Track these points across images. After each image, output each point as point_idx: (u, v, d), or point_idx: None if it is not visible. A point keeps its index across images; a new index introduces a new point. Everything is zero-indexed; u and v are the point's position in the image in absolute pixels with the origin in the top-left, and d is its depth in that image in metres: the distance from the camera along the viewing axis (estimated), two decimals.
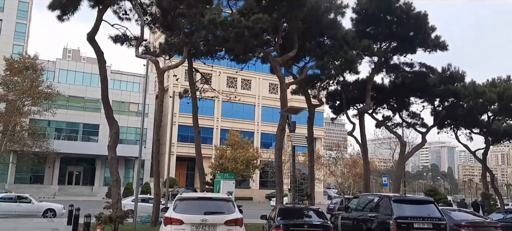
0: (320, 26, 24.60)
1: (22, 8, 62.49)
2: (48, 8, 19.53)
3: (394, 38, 28.57)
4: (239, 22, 21.38)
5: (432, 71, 31.00)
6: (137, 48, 22.39)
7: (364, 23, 28.08)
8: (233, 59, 27.65)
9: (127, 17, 23.36)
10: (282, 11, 23.57)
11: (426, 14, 27.18)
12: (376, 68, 29.70)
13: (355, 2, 28.16)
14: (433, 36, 28.21)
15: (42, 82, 45.19)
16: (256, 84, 71.57)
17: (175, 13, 23.26)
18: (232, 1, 24.26)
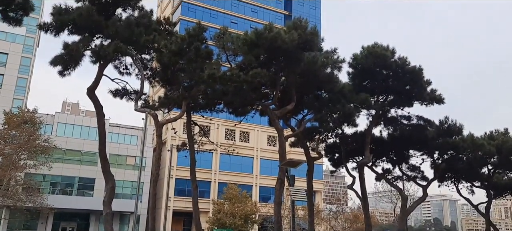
0: (318, 80, 24.98)
1: (25, 63, 63.67)
2: (50, 64, 19.87)
3: (390, 91, 28.94)
4: (238, 77, 21.74)
5: (429, 124, 31.17)
6: (137, 102, 22.55)
7: (361, 77, 28.55)
8: (232, 112, 27.83)
9: (127, 71, 23.77)
10: (280, 65, 24.03)
11: (421, 68, 27.73)
12: (374, 121, 29.84)
13: (351, 57, 28.81)
14: (429, 90, 28.62)
15: (40, 136, 45.04)
16: (255, 137, 71.58)
17: (175, 68, 23.68)
18: (231, 56, 24.79)
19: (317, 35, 24.15)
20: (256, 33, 22.53)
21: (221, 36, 23.94)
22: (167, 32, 24.97)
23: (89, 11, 19.88)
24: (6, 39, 61.56)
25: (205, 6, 69.51)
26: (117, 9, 22.02)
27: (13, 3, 16.78)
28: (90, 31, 20.79)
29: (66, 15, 20.06)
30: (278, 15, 74.81)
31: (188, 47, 23.19)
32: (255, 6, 73.58)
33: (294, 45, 22.05)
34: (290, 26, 23.84)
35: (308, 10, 75.61)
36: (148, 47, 23.10)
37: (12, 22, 17.14)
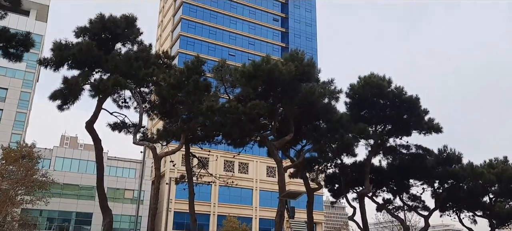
0: (316, 110, 25.13)
1: (24, 98, 63.94)
2: (49, 99, 20.00)
3: (388, 121, 29.06)
4: (237, 108, 21.86)
5: (429, 153, 31.13)
6: (135, 135, 22.56)
7: (358, 107, 28.73)
8: (231, 144, 27.78)
9: (126, 105, 23.90)
10: (278, 96, 24.22)
11: (418, 97, 27.96)
12: (373, 151, 29.79)
13: (348, 87, 29.08)
14: (426, 119, 28.77)
15: (37, 171, 44.69)
16: (254, 168, 71.13)
17: (173, 101, 23.83)
18: (229, 88, 25.01)
19: (313, 66, 24.47)
20: (253, 65, 22.83)
21: (220, 68, 24.24)
22: (166, 65, 25.29)
23: (89, 46, 20.20)
24: (6, 75, 62.05)
25: (203, 40, 70.62)
26: (117, 44, 22.41)
27: (14, 40, 17.06)
28: (89, 66, 21.05)
29: (66, 51, 20.37)
30: (275, 47, 75.97)
31: (186, 80, 23.42)
32: (253, 39, 74.77)
33: (291, 76, 22.30)
34: (287, 58, 24.19)
35: (304, 42, 76.83)
36: (147, 80, 23.33)
37: (13, 58, 17.38)
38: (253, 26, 75.68)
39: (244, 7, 76.03)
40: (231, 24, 73.88)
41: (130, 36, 22.37)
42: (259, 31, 75.96)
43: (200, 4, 72.44)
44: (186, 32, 70.22)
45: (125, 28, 21.99)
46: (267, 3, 78.40)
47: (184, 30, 70.20)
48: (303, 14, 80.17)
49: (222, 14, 73.54)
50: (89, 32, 21.53)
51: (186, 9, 71.59)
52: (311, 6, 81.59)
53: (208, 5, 72.93)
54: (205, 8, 72.64)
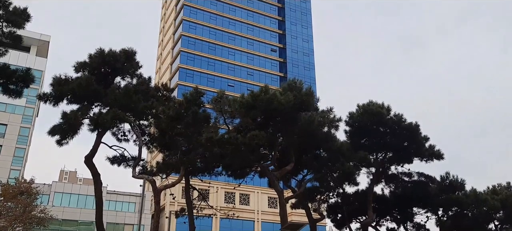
0: (316, 139, 25.04)
1: (23, 133, 63.86)
2: (48, 134, 19.93)
3: (389, 148, 28.92)
4: (236, 139, 21.79)
5: (431, 180, 30.84)
6: (134, 168, 22.37)
7: (358, 135, 28.65)
8: (231, 175, 27.54)
9: (125, 138, 23.80)
10: (277, 126, 24.21)
11: (417, 124, 27.94)
12: (375, 179, 29.51)
13: (347, 115, 29.09)
14: (427, 146, 28.65)
15: (36, 207, 44.12)
16: (255, 199, 70.24)
17: (173, 133, 23.77)
18: (229, 119, 25.01)
19: (312, 95, 24.57)
20: (252, 96, 22.92)
21: (219, 99, 24.32)
22: (165, 98, 25.38)
23: (88, 81, 20.31)
24: (6, 110, 62.21)
25: (202, 71, 71.27)
26: (116, 77, 22.54)
27: (14, 76, 17.17)
28: (89, 100, 21.10)
29: (66, 86, 20.46)
30: (274, 77, 76.58)
31: (186, 112, 23.46)
32: (251, 69, 75.48)
33: (290, 106, 22.36)
34: (285, 87, 24.32)
35: (302, 71, 77.53)
36: (146, 113, 23.33)
37: (13, 95, 17.44)
38: (251, 57, 76.56)
39: (242, 39, 77.15)
40: (230, 56, 74.75)
41: (129, 69, 22.54)
42: (257, 62, 76.78)
43: (199, 37, 73.54)
44: (185, 64, 70.96)
45: (125, 62, 22.18)
46: (264, 34, 79.60)
47: (183, 63, 70.96)
48: (301, 44, 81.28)
49: (220, 46, 74.54)
50: (89, 67, 21.70)
51: (185, 41, 72.61)
52: (308, 36, 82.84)
53: (207, 37, 74.02)
54: (204, 41, 73.70)
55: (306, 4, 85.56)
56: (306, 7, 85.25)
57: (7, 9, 16.86)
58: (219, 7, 77.58)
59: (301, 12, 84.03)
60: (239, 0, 79.86)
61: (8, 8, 16.85)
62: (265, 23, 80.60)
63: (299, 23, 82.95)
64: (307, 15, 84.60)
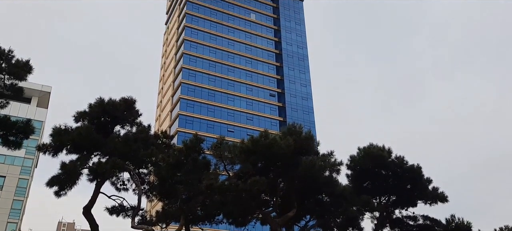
0: (317, 184, 24.72)
1: (21, 185, 63.14)
2: (47, 185, 19.66)
3: (392, 192, 28.53)
4: (237, 186, 21.51)
5: (437, 223, 30.14)
6: (133, 218, 21.89)
7: (360, 178, 28.36)
8: (232, 223, 26.95)
9: (124, 187, 23.49)
10: (278, 171, 23.96)
11: (419, 167, 27.75)
12: (379, 224, 28.88)
13: (348, 158, 28.92)
14: (430, 188, 28.29)
15: None
16: None
17: (173, 181, 23.47)
18: (229, 165, 24.78)
19: (312, 139, 24.53)
20: (252, 141, 22.86)
21: (218, 145, 24.21)
22: (165, 145, 25.27)
23: (88, 131, 20.31)
24: (5, 162, 61.86)
25: (202, 117, 71.61)
26: (116, 126, 22.57)
27: (15, 128, 17.19)
28: (88, 149, 21.00)
29: (66, 136, 20.43)
30: (273, 121, 76.89)
31: (185, 159, 23.29)
32: (251, 114, 75.91)
33: (291, 150, 22.25)
34: (285, 132, 24.31)
35: (301, 115, 77.95)
36: (146, 161, 23.16)
37: (12, 146, 17.39)
38: (251, 102, 77.23)
39: (241, 85, 78.14)
40: (229, 101, 75.41)
41: (129, 118, 22.61)
42: (256, 107, 77.34)
43: (198, 84, 74.50)
44: (185, 111, 71.42)
45: (124, 110, 22.29)
46: (263, 79, 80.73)
47: (183, 109, 71.44)
48: (299, 89, 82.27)
49: (220, 92, 75.38)
50: (89, 116, 21.78)
51: (184, 88, 73.47)
52: (306, 81, 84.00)
53: (206, 84, 74.98)
54: (203, 87, 74.59)
55: (303, 50, 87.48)
56: (303, 53, 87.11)
57: (9, 62, 17.15)
58: (218, 54, 79.21)
59: (298, 58, 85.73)
60: (237, 47, 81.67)
61: (10, 61, 17.15)
62: (264, 69, 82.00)
63: (297, 69, 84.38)
64: (304, 61, 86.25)
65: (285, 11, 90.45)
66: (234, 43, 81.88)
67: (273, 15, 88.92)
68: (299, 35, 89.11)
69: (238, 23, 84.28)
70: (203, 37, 79.89)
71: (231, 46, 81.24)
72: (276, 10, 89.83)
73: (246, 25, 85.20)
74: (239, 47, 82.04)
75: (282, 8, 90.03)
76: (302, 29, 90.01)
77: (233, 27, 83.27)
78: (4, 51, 17.15)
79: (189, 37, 78.48)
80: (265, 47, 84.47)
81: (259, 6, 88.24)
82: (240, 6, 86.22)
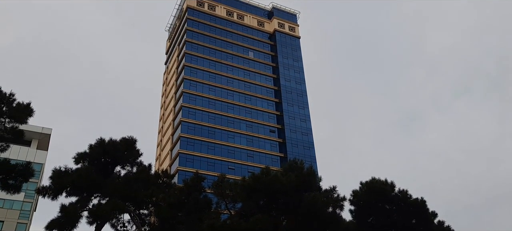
0: (320, 220, 24.26)
1: (20, 230, 61.97)
2: (46, 229, 19.33)
3: (396, 227, 27.93)
4: (239, 225, 21.14)
5: None
6: None
7: (364, 214, 27.88)
8: None
9: (125, 229, 23.11)
10: (281, 208, 23.61)
11: (423, 200, 27.35)
12: None
13: (351, 193, 28.54)
14: (436, 222, 27.76)
15: None
16: None
17: (174, 221, 23.12)
18: (230, 203, 24.48)
19: (314, 175, 24.33)
20: (254, 178, 22.67)
21: (219, 183, 24.01)
22: (166, 184, 25.08)
23: (88, 172, 20.21)
24: (4, 206, 60.94)
25: (202, 155, 71.29)
26: (116, 167, 22.47)
27: (14, 171, 17.07)
28: (88, 191, 20.82)
29: (65, 178, 20.30)
30: (274, 157, 76.51)
31: (186, 198, 23.05)
32: (251, 151, 75.62)
33: (292, 187, 22.04)
34: (286, 168, 24.16)
35: (302, 151, 77.67)
36: (147, 202, 22.92)
37: (11, 190, 17.22)
38: (251, 138, 77.14)
39: (241, 121, 78.33)
40: (229, 139, 75.33)
41: (129, 158, 22.55)
42: (257, 143, 77.18)
43: (199, 122, 74.69)
44: (185, 149, 71.18)
45: (125, 150, 22.27)
46: (263, 116, 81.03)
47: (183, 148, 71.23)
48: (299, 124, 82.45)
49: (220, 130, 75.43)
50: (89, 157, 21.73)
51: (184, 127, 73.58)
52: (306, 116, 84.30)
53: (206, 122, 75.17)
54: (203, 125, 74.73)
55: (301, 86, 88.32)
56: (301, 89, 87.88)
57: (10, 105, 17.25)
58: (217, 92, 79.89)
59: (297, 94, 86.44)
60: (236, 85, 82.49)
61: (12, 104, 17.25)
62: (263, 105, 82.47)
63: (296, 104, 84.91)
64: (303, 97, 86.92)
65: (283, 49, 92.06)
66: (233, 81, 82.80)
67: (271, 52, 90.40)
68: (297, 71, 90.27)
69: (236, 61, 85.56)
70: (202, 76, 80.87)
71: (230, 84, 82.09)
72: (274, 47, 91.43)
73: (244, 63, 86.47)
74: (238, 84, 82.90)
75: (280, 46, 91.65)
76: (299, 66, 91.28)
77: (232, 65, 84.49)
78: (6, 95, 17.29)
79: (188, 76, 79.43)
80: (263, 84, 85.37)
81: (257, 44, 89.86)
82: (239, 44, 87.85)
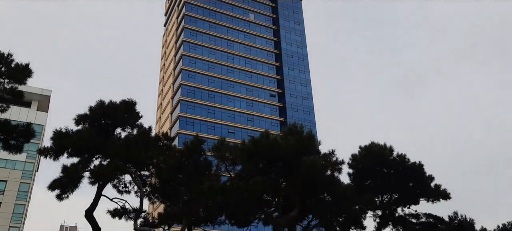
0: (319, 183, 24.63)
1: (23, 189, 63.04)
2: (48, 189, 19.65)
3: (394, 190, 28.45)
4: (239, 187, 21.47)
5: (439, 221, 30.06)
6: (136, 221, 21.87)
7: (362, 177, 28.28)
8: (234, 224, 26.82)
9: (126, 190, 23.47)
10: (280, 171, 23.89)
11: (421, 164, 27.65)
12: (382, 222, 28.79)
13: (350, 157, 28.83)
14: (433, 186, 28.19)
15: None
16: None
17: (174, 183, 23.44)
18: (230, 166, 24.73)
19: (313, 139, 24.46)
20: (253, 142, 22.80)
21: (219, 147, 24.15)
22: (166, 147, 25.24)
23: (89, 133, 20.29)
24: (6, 166, 61.76)
25: (202, 119, 71.59)
26: (117, 128, 22.55)
27: (15, 131, 17.15)
28: (89, 152, 20.98)
29: (66, 139, 20.40)
30: (274, 122, 76.85)
31: (187, 160, 23.26)
32: (251, 115, 75.89)
33: (292, 150, 22.18)
34: (286, 132, 24.25)
35: (302, 115, 77.92)
36: (147, 163, 23.15)
37: (13, 150, 17.35)
38: (251, 103, 77.19)
39: (241, 86, 78.13)
40: (229, 103, 75.38)
41: (129, 120, 22.59)
42: (257, 108, 77.30)
43: (199, 85, 74.49)
44: (185, 112, 71.37)
45: (125, 113, 22.27)
46: (263, 80, 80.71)
47: (183, 111, 71.40)
48: (299, 88, 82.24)
49: (220, 93, 75.35)
50: (89, 119, 21.76)
51: (184, 90, 73.44)
52: (306, 81, 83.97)
53: (206, 86, 74.95)
54: (203, 89, 74.56)
55: (302, 50, 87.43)
56: (303, 53, 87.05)
57: (9, 66, 17.11)
58: (217, 55, 79.18)
59: (297, 58, 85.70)
60: (237, 48, 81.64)
61: (10, 65, 17.11)
62: (263, 69, 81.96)
63: (297, 68, 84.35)
64: (304, 61, 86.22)
65: (284, 11, 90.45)
66: (233, 44, 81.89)
67: (272, 15, 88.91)
68: (298, 34, 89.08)
69: (237, 23, 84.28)
70: (202, 39, 79.89)
71: (230, 47, 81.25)
72: (275, 10, 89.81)
73: (245, 25, 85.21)
74: (239, 47, 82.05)
75: (281, 8, 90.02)
76: (301, 29, 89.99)
77: (232, 28, 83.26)
78: (4, 55, 17.11)
79: (188, 38, 78.46)
80: (264, 47, 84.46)
81: (257, 6, 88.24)
82: (239, 6, 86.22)
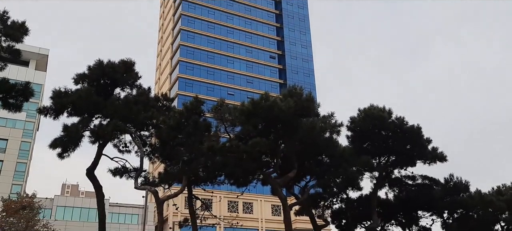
0: (317, 145, 24.87)
1: (24, 148, 63.66)
2: (49, 147, 19.82)
3: (391, 152, 28.75)
4: (238, 147, 21.67)
5: (435, 183, 30.62)
6: (136, 179, 22.22)
7: (360, 139, 28.49)
8: (233, 183, 27.33)
9: (127, 149, 23.67)
10: (279, 133, 24.06)
11: (419, 127, 27.81)
12: (379, 183, 29.30)
13: (349, 120, 28.93)
14: (430, 148, 28.47)
15: (38, 222, 43.85)
16: (258, 207, 69.84)
17: (174, 143, 23.64)
18: (230, 127, 24.88)
19: (313, 101, 24.46)
20: (253, 103, 22.81)
21: (219, 108, 24.22)
22: (165, 107, 25.28)
23: (88, 93, 20.24)
24: (6, 125, 62.09)
25: (201, 80, 71.32)
26: (116, 88, 22.47)
27: (14, 90, 17.09)
28: (89, 112, 21.01)
29: (66, 98, 20.38)
30: (274, 84, 76.61)
31: (186, 121, 23.35)
32: (251, 77, 75.53)
33: (291, 112, 22.23)
34: (285, 94, 24.22)
35: (302, 78, 77.56)
36: (147, 124, 23.24)
37: (13, 109, 17.36)
38: (251, 64, 76.65)
39: (241, 47, 77.32)
40: (229, 64, 74.85)
41: (129, 80, 22.47)
42: (256, 69, 76.85)
43: (197, 46, 73.69)
44: (184, 73, 71.01)
45: (124, 73, 22.12)
46: (263, 41, 79.78)
47: (182, 72, 71.02)
48: (300, 50, 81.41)
49: (219, 54, 74.67)
50: (88, 79, 21.64)
51: (183, 51, 72.75)
52: (307, 42, 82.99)
53: (205, 46, 74.17)
54: (202, 50, 73.83)
55: (303, 10, 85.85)
56: (304, 13, 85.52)
57: (5, 23, 16.83)
58: (217, 15, 77.86)
59: (298, 19, 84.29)
60: (236, 8, 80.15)
61: (6, 22, 16.83)
62: (263, 30, 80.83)
63: (297, 30, 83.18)
64: (305, 22, 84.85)
65: None
66: (233, 4, 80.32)
67: None
68: None
69: None
70: None
71: (230, 7, 79.73)
72: None
73: None
74: (238, 7, 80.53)
75: None
76: None
77: None
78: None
79: None
80: (264, 7, 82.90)
81: None
82: None
